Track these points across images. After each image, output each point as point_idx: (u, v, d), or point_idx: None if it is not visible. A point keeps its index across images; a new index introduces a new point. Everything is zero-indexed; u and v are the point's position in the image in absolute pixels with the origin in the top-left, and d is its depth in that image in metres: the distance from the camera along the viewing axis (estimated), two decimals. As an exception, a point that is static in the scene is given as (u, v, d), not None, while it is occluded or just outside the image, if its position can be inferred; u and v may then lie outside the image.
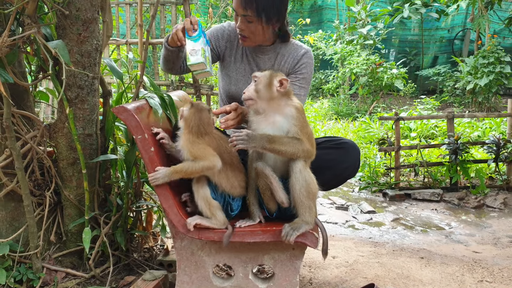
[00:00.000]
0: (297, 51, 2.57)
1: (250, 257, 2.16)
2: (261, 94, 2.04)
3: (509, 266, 3.15)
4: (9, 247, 2.37)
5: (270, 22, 2.40)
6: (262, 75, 2.07)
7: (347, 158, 2.39)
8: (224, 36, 2.61)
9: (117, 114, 2.04)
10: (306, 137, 2.01)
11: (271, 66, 2.56)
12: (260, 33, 2.44)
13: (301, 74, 2.56)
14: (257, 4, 2.30)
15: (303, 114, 2.07)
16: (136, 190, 2.71)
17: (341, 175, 2.43)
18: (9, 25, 1.96)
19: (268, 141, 1.94)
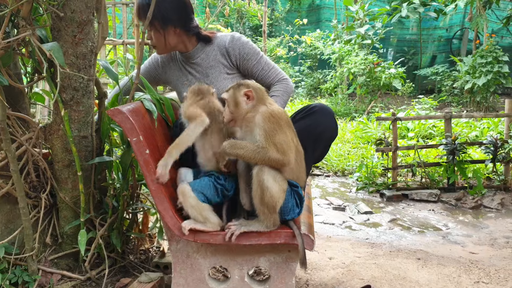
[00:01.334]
0: (224, 41, 2.63)
1: (245, 259, 2.16)
2: (235, 113, 2.05)
3: (505, 267, 3.15)
4: (4, 249, 2.37)
5: (166, 28, 2.50)
6: (228, 96, 2.07)
7: (320, 121, 2.30)
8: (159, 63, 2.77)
9: (112, 116, 2.03)
10: (274, 145, 1.95)
11: (207, 64, 2.64)
12: (163, 40, 2.54)
13: (246, 54, 2.62)
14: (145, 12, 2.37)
15: (272, 120, 2.00)
16: (132, 192, 2.70)
17: (320, 140, 2.34)
18: (4, 27, 1.95)
19: (231, 147, 1.96)
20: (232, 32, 2.67)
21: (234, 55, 2.61)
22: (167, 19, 2.46)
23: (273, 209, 1.99)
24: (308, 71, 12.63)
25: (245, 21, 13.69)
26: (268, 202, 1.96)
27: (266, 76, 2.64)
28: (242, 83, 2.10)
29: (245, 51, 2.60)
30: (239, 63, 2.63)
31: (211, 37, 2.65)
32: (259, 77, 2.64)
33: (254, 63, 2.62)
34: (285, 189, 2.02)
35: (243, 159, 2.01)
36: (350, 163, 5.95)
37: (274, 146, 1.96)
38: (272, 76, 2.65)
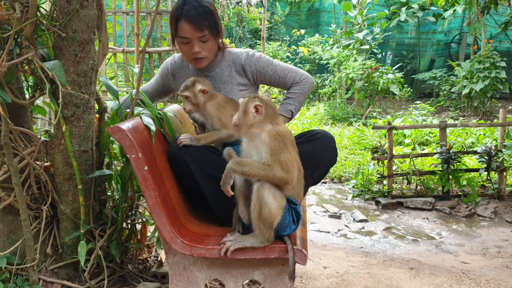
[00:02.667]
0: (240, 57, 2.72)
1: (240, 272, 2.22)
2: (242, 121, 2.12)
3: (496, 277, 3.22)
4: (6, 260, 2.44)
5: (219, 34, 2.61)
6: (241, 102, 2.15)
7: (321, 147, 2.43)
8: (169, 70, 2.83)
9: (112, 133, 2.10)
10: (279, 163, 2.03)
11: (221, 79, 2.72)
12: (214, 49, 2.63)
13: (262, 68, 2.72)
14: (208, 21, 2.49)
15: (278, 139, 2.08)
16: (131, 204, 2.77)
17: (320, 166, 2.46)
18: (8, 47, 2.02)
19: (238, 164, 2.03)
20: (245, 49, 2.76)
21: (251, 71, 2.71)
22: (219, 27, 2.58)
23: (269, 225, 2.05)
24: (307, 75, 12.68)
25: (244, 25, 13.76)
26: (265, 217, 2.03)
27: (284, 82, 2.76)
28: (258, 96, 2.17)
29: (261, 65, 2.71)
30: (256, 77, 2.74)
31: (225, 46, 2.75)
32: (278, 85, 2.78)
33: (271, 73, 2.73)
34: (283, 206, 2.09)
35: (249, 176, 2.06)
36: (347, 169, 6.02)
37: (279, 164, 2.04)
38: (290, 80, 2.75)
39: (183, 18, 2.46)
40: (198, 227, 2.37)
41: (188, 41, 2.50)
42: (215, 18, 2.53)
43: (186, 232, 2.23)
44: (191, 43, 2.50)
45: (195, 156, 2.29)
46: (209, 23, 2.48)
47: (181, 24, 2.47)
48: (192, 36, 2.47)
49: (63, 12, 2.24)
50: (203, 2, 2.49)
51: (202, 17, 2.46)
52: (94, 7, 2.31)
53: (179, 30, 2.50)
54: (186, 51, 2.56)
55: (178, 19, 2.48)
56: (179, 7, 2.48)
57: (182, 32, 2.48)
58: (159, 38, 5.16)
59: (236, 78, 2.71)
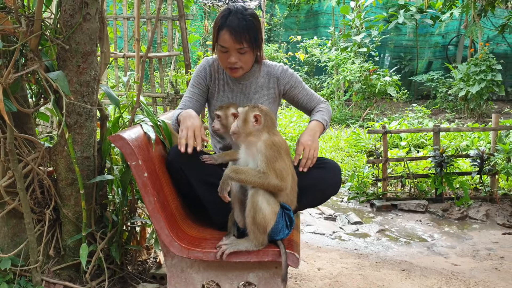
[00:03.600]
0: (275, 71, 2.79)
1: (235, 274, 2.32)
2: (241, 129, 2.22)
3: (484, 279, 3.31)
4: (10, 261, 2.54)
5: (259, 48, 2.62)
6: (241, 111, 2.25)
7: (329, 177, 2.55)
8: (207, 73, 2.78)
9: (113, 142, 2.20)
10: (274, 171, 2.14)
11: (254, 89, 2.76)
12: (251, 61, 2.64)
13: (295, 83, 2.81)
14: (249, 35, 2.50)
15: (274, 148, 2.19)
16: (130, 207, 2.88)
17: (323, 194, 2.59)
18: (14, 60, 2.12)
19: (235, 172, 2.13)
20: (280, 64, 2.85)
21: (284, 83, 2.79)
22: (259, 42, 2.60)
23: (263, 230, 2.16)
24: (305, 77, 12.79)
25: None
26: (259, 222, 2.13)
27: (310, 100, 2.84)
28: (258, 106, 2.28)
29: (293, 80, 2.80)
30: (287, 90, 2.82)
31: (263, 58, 2.79)
32: (304, 102, 2.85)
33: (300, 90, 2.82)
34: (276, 211, 2.19)
35: (245, 183, 2.17)
36: (343, 172, 6.11)
37: (274, 172, 2.15)
38: (315, 100, 2.85)
39: (225, 28, 2.48)
40: (195, 231, 2.47)
41: (226, 50, 2.53)
42: (256, 32, 2.54)
43: (184, 236, 2.32)
44: (229, 53, 2.53)
45: (192, 163, 2.39)
46: (249, 36, 2.49)
47: (222, 33, 2.49)
48: (231, 46, 2.49)
49: (66, 25, 2.34)
50: (247, 15, 2.51)
51: (244, 30, 2.47)
52: (96, 20, 2.41)
53: (219, 38, 2.52)
54: (224, 59, 2.58)
55: (220, 27, 2.50)
56: (224, 16, 2.50)
57: (222, 41, 2.51)
58: (159, 44, 5.26)
59: (267, 90, 2.78)
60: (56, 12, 2.43)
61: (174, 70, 5.64)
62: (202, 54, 6.13)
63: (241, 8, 2.52)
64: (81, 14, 2.34)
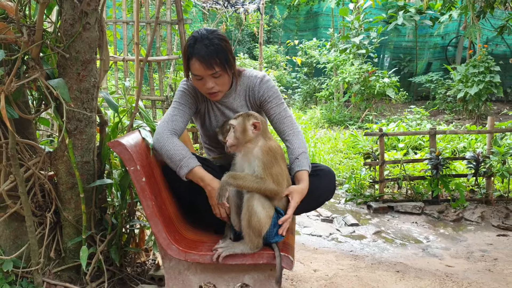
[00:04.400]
0: (254, 82, 2.72)
1: (231, 276, 2.38)
2: (240, 139, 2.29)
3: (478, 280, 3.37)
4: (12, 263, 2.60)
5: (232, 68, 2.57)
6: (237, 123, 2.30)
7: (324, 184, 2.61)
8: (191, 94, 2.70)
9: (112, 147, 2.26)
10: (271, 176, 2.22)
11: (240, 103, 2.73)
12: (228, 82, 2.60)
13: (270, 97, 2.71)
14: (219, 58, 2.45)
15: (270, 153, 2.26)
16: (129, 210, 2.94)
17: (318, 199, 2.65)
18: (15, 68, 2.18)
19: (233, 178, 2.20)
20: (261, 74, 2.78)
21: (259, 96, 2.71)
22: (230, 63, 2.54)
23: (258, 233, 2.22)
24: (304, 78, 12.86)
25: (243, 28, 13.92)
26: (255, 226, 2.20)
27: (280, 121, 2.72)
28: (251, 114, 2.34)
29: (269, 93, 2.70)
30: (259, 102, 2.73)
31: (241, 71, 2.75)
32: (274, 120, 2.73)
33: (274, 106, 2.71)
34: (271, 215, 2.26)
35: (243, 189, 2.24)
36: (341, 174, 6.18)
37: (271, 177, 2.23)
38: (287, 123, 2.72)
39: (194, 57, 2.45)
40: (193, 234, 2.53)
41: (200, 78, 2.51)
42: (226, 54, 2.50)
43: (181, 239, 2.39)
44: (204, 79, 2.51)
45: None
46: (220, 60, 2.46)
47: (192, 62, 2.47)
48: (203, 74, 2.47)
49: (67, 34, 2.40)
50: (213, 39, 2.47)
51: (213, 55, 2.44)
52: (95, 29, 2.47)
53: (191, 67, 2.50)
54: (200, 86, 2.57)
55: (189, 57, 2.48)
56: (191, 46, 2.48)
57: (194, 70, 2.49)
58: (158, 47, 5.32)
59: (249, 102, 2.75)
60: (56, 22, 2.49)
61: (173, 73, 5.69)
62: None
63: (206, 33, 2.48)
64: (81, 23, 2.40)
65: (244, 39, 14.47)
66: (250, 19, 12.18)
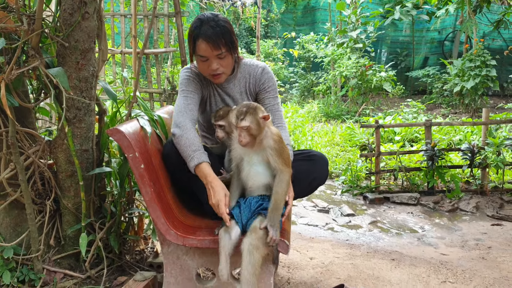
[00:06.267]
0: (256, 70, 2.83)
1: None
2: (256, 136, 2.28)
3: (471, 267, 3.42)
4: (13, 250, 2.64)
5: (236, 50, 2.68)
6: (249, 122, 2.25)
7: (316, 169, 2.68)
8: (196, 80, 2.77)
9: (111, 135, 2.30)
10: (283, 161, 2.29)
11: (239, 90, 2.82)
12: (231, 64, 2.69)
13: (269, 87, 2.84)
14: (225, 39, 2.55)
15: (279, 140, 2.33)
16: (128, 198, 2.98)
17: (311, 184, 2.71)
18: (16, 57, 2.22)
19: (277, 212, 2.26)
20: (262, 64, 2.87)
21: (259, 85, 2.82)
22: (235, 44, 2.65)
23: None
24: (302, 73, 12.89)
25: (241, 23, 13.93)
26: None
27: (273, 113, 2.80)
28: (256, 107, 2.32)
29: (269, 84, 2.83)
30: (257, 91, 2.84)
31: (241, 59, 2.84)
32: (266, 109, 2.75)
33: (270, 97, 2.83)
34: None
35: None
36: (337, 166, 6.23)
37: (283, 161, 2.30)
38: (277, 116, 2.83)
39: (200, 37, 2.53)
40: (190, 220, 2.57)
41: (206, 59, 2.58)
42: (231, 36, 2.60)
43: (179, 225, 2.43)
44: (209, 61, 2.58)
45: None
46: (225, 40, 2.55)
47: (199, 43, 2.54)
48: (209, 54, 2.55)
49: (66, 23, 2.44)
50: (219, 21, 2.56)
51: (220, 36, 2.53)
52: (94, 18, 2.51)
53: (197, 48, 2.57)
54: (205, 68, 2.63)
55: (196, 38, 2.55)
56: (197, 27, 2.55)
57: (200, 51, 2.56)
58: (155, 40, 5.35)
59: (249, 89, 2.84)
60: (56, 11, 2.53)
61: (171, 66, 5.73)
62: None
63: (211, 16, 2.57)
64: (80, 13, 2.44)
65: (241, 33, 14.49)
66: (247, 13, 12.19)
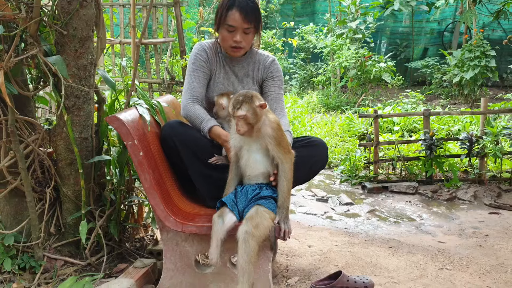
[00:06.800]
0: (266, 59, 2.95)
1: (227, 248, 2.45)
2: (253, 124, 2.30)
3: (468, 255, 3.45)
4: (13, 238, 2.66)
5: (259, 30, 2.81)
6: (246, 111, 2.25)
7: (316, 154, 2.72)
8: (208, 56, 2.86)
9: (110, 122, 2.32)
10: (282, 149, 2.32)
11: (246, 73, 2.91)
12: (251, 43, 2.81)
13: (276, 77, 2.94)
14: (255, 16, 2.68)
15: (277, 127, 2.35)
16: (128, 187, 3.00)
17: (312, 169, 2.76)
18: (14, 45, 2.23)
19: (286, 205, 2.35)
20: (273, 56, 2.99)
21: (267, 72, 2.92)
22: (261, 25, 2.79)
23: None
24: (301, 64, 12.88)
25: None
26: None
27: (276, 101, 2.89)
28: (252, 95, 2.31)
29: (277, 74, 2.93)
30: (265, 79, 2.93)
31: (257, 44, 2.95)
32: (270, 97, 2.90)
33: (276, 86, 2.92)
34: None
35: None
36: (336, 156, 6.25)
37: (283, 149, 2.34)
38: (280, 105, 2.89)
39: (235, 7, 2.62)
40: (190, 207, 2.60)
41: (233, 29, 2.66)
42: (260, 15, 2.73)
43: (178, 212, 2.46)
44: (235, 32, 2.67)
45: (185, 138, 2.52)
46: (255, 18, 2.67)
47: (232, 12, 2.63)
48: (239, 25, 2.64)
49: (64, 11, 2.45)
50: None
51: (252, 10, 2.65)
52: (92, 6, 2.52)
53: (228, 17, 2.64)
54: (229, 39, 2.70)
55: (230, 7, 2.63)
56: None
57: (231, 21, 2.64)
58: (154, 30, 5.35)
59: (256, 75, 2.93)
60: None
61: (170, 56, 5.73)
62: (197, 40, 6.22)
63: None
64: (78, 0, 2.45)
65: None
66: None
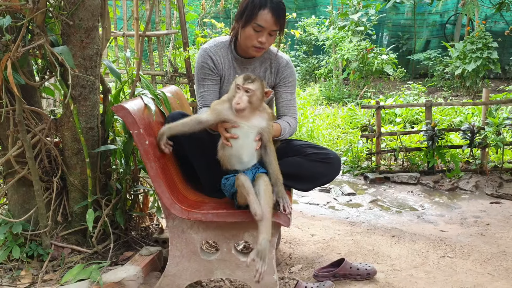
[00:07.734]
0: (279, 61, 2.83)
1: (232, 234, 2.49)
2: (254, 105, 2.30)
3: (470, 243, 3.49)
4: (21, 226, 2.71)
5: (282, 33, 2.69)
6: (256, 87, 2.26)
7: (332, 172, 2.71)
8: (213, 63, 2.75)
9: (116, 112, 2.35)
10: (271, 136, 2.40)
11: (257, 74, 2.78)
12: (273, 42, 2.71)
13: (289, 82, 2.85)
14: (283, 19, 2.59)
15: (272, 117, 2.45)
16: (133, 176, 3.04)
17: (324, 182, 2.81)
18: (21, 35, 2.26)
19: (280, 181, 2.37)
20: (288, 57, 2.89)
21: (281, 77, 2.83)
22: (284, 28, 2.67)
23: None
24: (303, 56, 12.88)
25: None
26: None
27: (286, 105, 2.85)
28: (263, 80, 2.37)
29: (291, 78, 2.84)
30: (277, 81, 2.84)
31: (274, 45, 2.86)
32: (282, 103, 2.85)
33: (288, 91, 2.85)
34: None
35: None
36: (339, 147, 6.28)
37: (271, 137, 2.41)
38: (291, 110, 2.85)
39: (268, 8, 2.50)
40: (194, 195, 2.64)
41: (261, 30, 2.55)
42: (285, 21, 2.64)
43: (184, 199, 2.49)
44: (262, 32, 2.56)
45: None
46: (283, 21, 2.57)
47: (264, 11, 2.50)
48: (268, 27, 2.53)
49: (70, 2, 2.48)
50: (283, 3, 2.58)
51: (284, 14, 2.56)
52: (97, -3, 2.56)
53: (259, 16, 2.51)
54: (253, 39, 2.58)
55: (262, 6, 2.51)
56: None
57: (261, 20, 2.52)
58: (157, 22, 5.38)
59: (269, 77, 2.84)
60: (60, -11, 2.57)
61: (172, 48, 5.76)
62: (200, 32, 6.25)
63: None
64: (84, -9, 2.48)
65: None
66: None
